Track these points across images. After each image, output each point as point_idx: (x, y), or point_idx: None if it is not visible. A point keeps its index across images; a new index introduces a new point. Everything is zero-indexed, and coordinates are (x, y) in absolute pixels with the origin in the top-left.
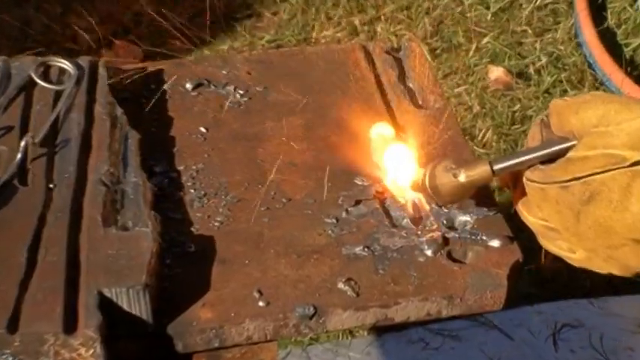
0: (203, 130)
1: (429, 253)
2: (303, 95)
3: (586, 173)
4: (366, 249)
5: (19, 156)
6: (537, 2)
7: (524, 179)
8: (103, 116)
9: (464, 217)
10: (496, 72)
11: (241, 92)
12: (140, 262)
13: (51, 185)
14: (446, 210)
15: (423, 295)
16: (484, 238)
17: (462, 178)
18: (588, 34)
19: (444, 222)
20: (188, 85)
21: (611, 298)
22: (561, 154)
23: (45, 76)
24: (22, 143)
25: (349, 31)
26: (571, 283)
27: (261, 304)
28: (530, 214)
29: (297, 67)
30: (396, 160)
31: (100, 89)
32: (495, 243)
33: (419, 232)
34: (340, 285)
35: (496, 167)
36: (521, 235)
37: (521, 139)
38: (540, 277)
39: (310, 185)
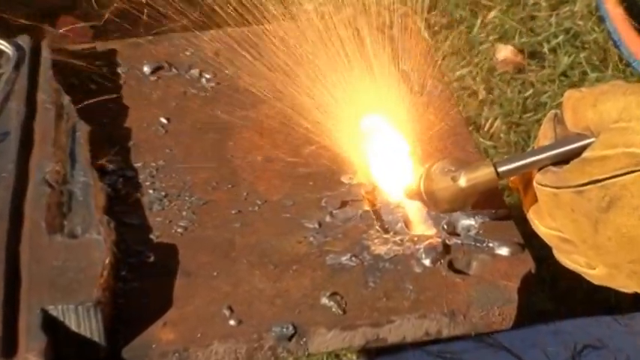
0: (164, 120)
1: (427, 262)
2: (280, 80)
3: (605, 176)
4: (353, 258)
5: None
6: None
7: (534, 183)
8: (46, 105)
9: (467, 221)
10: (505, 51)
11: (208, 77)
12: (91, 275)
13: None
14: None
15: (420, 312)
16: (491, 245)
17: (463, 182)
18: (611, 7)
19: (445, 226)
20: (146, 69)
21: (639, 315)
22: (576, 153)
23: None
24: None
25: (334, 5)
26: (592, 298)
27: (231, 322)
28: (542, 224)
29: (273, 47)
30: (388, 156)
31: (43, 74)
32: (504, 251)
33: (415, 239)
34: (324, 300)
35: (501, 169)
36: (534, 241)
37: (534, 129)
38: (557, 291)
39: (288, 185)
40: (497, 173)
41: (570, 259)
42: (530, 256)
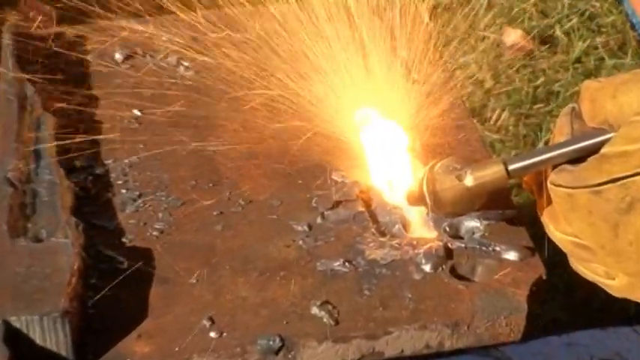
0: (137, 112)
1: (427, 268)
2: (266, 67)
3: (625, 174)
4: (347, 264)
5: None
6: None
7: (548, 183)
8: (9, 96)
9: (471, 223)
10: (513, 36)
11: (186, 64)
12: (57, 283)
13: None
14: None
15: (420, 322)
16: (497, 249)
17: (469, 181)
18: None
19: (447, 229)
20: (117, 56)
21: None
22: (594, 149)
23: None
24: None
25: None
26: (610, 307)
27: (212, 334)
28: (557, 229)
29: (258, 31)
30: (385, 151)
31: (4, 62)
32: (512, 255)
33: (414, 242)
34: (314, 310)
35: (512, 168)
36: (544, 245)
37: (545, 121)
38: (570, 299)
39: (275, 183)
40: (508, 172)
41: (588, 268)
42: (540, 261)
